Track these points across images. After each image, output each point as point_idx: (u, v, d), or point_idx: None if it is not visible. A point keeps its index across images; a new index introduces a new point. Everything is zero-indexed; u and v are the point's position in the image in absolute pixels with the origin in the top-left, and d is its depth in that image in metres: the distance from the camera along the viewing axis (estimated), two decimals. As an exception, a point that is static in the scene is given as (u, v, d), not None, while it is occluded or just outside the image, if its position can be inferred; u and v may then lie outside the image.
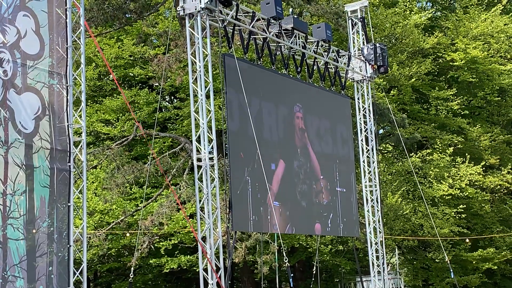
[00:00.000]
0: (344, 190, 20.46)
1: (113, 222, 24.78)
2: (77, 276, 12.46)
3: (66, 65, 12.64)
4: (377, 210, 21.68)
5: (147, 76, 28.35)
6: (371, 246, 21.48)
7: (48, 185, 11.99)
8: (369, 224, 21.58)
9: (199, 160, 15.83)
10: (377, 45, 21.93)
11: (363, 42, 22.15)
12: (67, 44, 12.69)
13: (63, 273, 11.98)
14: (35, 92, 12.07)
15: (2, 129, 11.37)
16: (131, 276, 18.16)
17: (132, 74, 29.00)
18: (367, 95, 22.14)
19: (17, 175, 11.48)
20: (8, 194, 11.26)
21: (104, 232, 24.14)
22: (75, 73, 13.20)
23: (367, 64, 21.85)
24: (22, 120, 11.75)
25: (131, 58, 28.14)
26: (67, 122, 12.52)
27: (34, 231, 11.61)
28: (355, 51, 22.16)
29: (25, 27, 12.06)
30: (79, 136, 13.26)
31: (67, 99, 12.59)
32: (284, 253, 17.06)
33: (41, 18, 12.36)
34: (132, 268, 18.65)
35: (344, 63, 21.26)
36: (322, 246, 27.66)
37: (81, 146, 13.04)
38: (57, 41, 12.59)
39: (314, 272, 21.60)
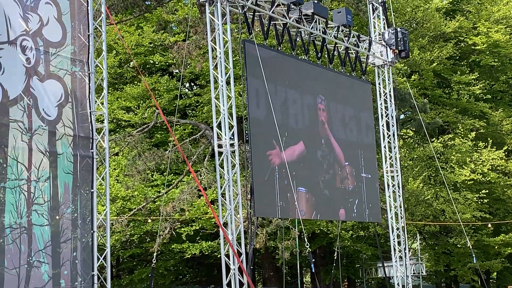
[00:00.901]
0: (370, 176, 20.45)
1: (135, 208, 24.96)
2: (101, 262, 12.61)
3: (88, 52, 12.73)
4: (399, 195, 21.61)
5: (167, 63, 28.41)
6: (392, 231, 21.44)
7: (72, 171, 12.11)
8: (390, 209, 21.53)
9: (220, 146, 15.88)
10: (398, 29, 21.78)
11: (384, 27, 21.99)
12: (88, 32, 12.77)
13: (87, 259, 12.12)
14: (57, 80, 12.18)
15: (26, 116, 11.50)
16: (154, 262, 18.34)
17: (152, 61, 29.06)
18: (388, 80, 22.02)
19: (41, 162, 11.61)
20: (32, 181, 11.40)
21: (126, 218, 24.33)
22: (97, 60, 13.28)
23: (388, 49, 21.71)
24: (45, 107, 11.86)
25: (151, 45, 28.19)
26: (90, 109, 12.61)
27: (58, 217, 11.75)
28: (375, 36, 22.02)
29: (47, 15, 12.15)
30: (101, 123, 13.37)
31: (89, 86, 12.68)
32: (305, 238, 17.10)
33: (63, 5, 12.44)
34: (155, 254, 18.83)
35: (365, 48, 21.14)
36: (343, 231, 27.65)
37: (103, 133, 13.15)
38: (79, 29, 12.67)
39: (335, 258, 21.61)
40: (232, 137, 15.96)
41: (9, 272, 10.81)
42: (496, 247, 30.18)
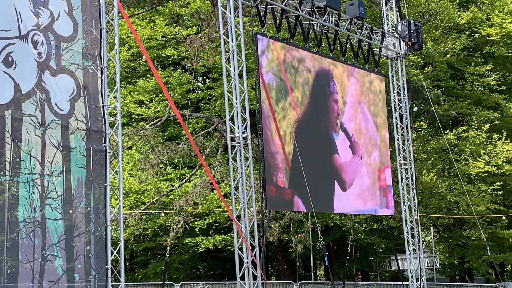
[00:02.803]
0: (383, 168, 20.40)
1: (148, 202, 25.02)
2: (115, 255, 12.64)
3: (100, 46, 12.72)
4: (412, 188, 21.52)
5: (179, 57, 28.40)
6: (406, 224, 21.36)
7: (85, 165, 12.13)
8: (404, 202, 21.44)
9: (232, 140, 15.87)
10: (411, 21, 21.64)
11: (397, 19, 21.86)
12: (100, 26, 12.77)
13: (101, 253, 12.15)
14: (69, 74, 12.19)
15: (39, 110, 11.52)
16: (167, 255, 18.40)
17: (164, 55, 29.06)
18: (401, 73, 21.91)
19: (54, 156, 11.63)
20: (45, 175, 11.43)
21: (139, 212, 24.40)
22: (109, 54, 13.27)
23: (401, 41, 21.59)
24: (58, 101, 11.88)
25: (164, 39, 28.19)
26: (102, 103, 12.61)
27: (71, 211, 11.78)
28: (388, 28, 21.90)
29: (58, 10, 12.15)
30: (114, 117, 13.37)
31: (101, 80, 12.68)
32: (318, 232, 17.07)
33: (74, 0, 12.44)
34: (168, 248, 18.88)
35: (378, 40, 21.03)
36: (356, 224, 27.59)
37: (116, 127, 13.16)
38: (91, 23, 12.67)
39: (348, 251, 21.56)
40: (245, 131, 15.93)
41: (24, 266, 10.87)
42: (510, 240, 30.00)
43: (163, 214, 26.11)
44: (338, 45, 19.74)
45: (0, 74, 11.06)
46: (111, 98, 13.26)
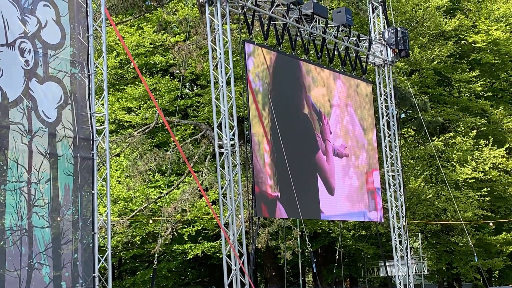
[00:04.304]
0: (371, 171, 20.48)
1: (137, 209, 24.96)
2: (102, 263, 12.60)
3: (87, 53, 12.71)
4: (400, 194, 21.61)
5: (168, 64, 28.41)
6: (394, 230, 21.43)
7: (72, 173, 12.10)
8: (391, 208, 21.52)
9: (220, 146, 15.89)
10: (398, 28, 21.78)
11: (384, 26, 21.99)
12: (88, 33, 12.76)
13: (88, 260, 12.11)
14: (56, 81, 12.17)
15: (26, 118, 11.49)
16: (155, 263, 18.34)
17: (153, 62, 29.06)
18: (389, 80, 22.03)
19: (41, 164, 11.60)
20: (32, 183, 11.40)
21: (127, 219, 24.33)
22: (97, 62, 13.27)
23: (388, 48, 21.72)
24: (45, 109, 11.85)
25: (152, 46, 28.19)
26: (90, 110, 12.60)
27: (58, 219, 11.74)
28: (375, 35, 22.02)
29: (46, 17, 12.14)
30: (101, 124, 13.36)
31: (89, 87, 12.67)
32: (306, 238, 17.10)
33: (61, 7, 12.44)
34: (156, 255, 18.83)
35: (365, 48, 21.14)
36: (344, 231, 27.63)
37: (104, 134, 13.14)
38: (78, 30, 12.67)
39: (337, 257, 21.60)
40: (233, 138, 15.96)
41: (10, 275, 10.81)
42: (498, 246, 30.14)
43: (151, 221, 26.04)
44: (326, 52, 19.82)
45: (-13, 82, 11.04)
46: (98, 106, 13.25)
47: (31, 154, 11.49)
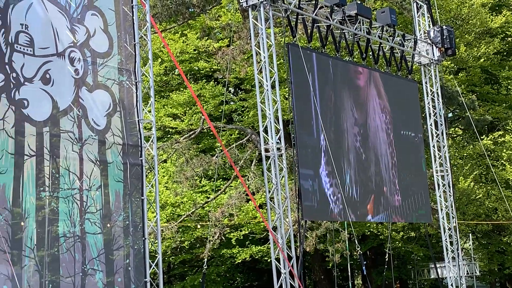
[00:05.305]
0: (417, 176, 20.26)
1: (184, 214, 25.13)
2: (153, 268, 12.72)
3: (134, 61, 12.88)
4: (449, 195, 21.29)
5: (211, 69, 28.57)
6: (444, 231, 21.12)
7: (122, 179, 12.26)
8: (441, 209, 21.22)
9: (266, 150, 15.88)
10: (444, 27, 21.50)
11: (429, 25, 21.73)
12: (134, 41, 12.93)
13: (139, 266, 12.24)
14: (105, 89, 12.36)
15: (76, 126, 11.70)
16: (205, 267, 18.43)
17: (197, 68, 29.26)
18: (435, 79, 21.75)
19: (92, 171, 11.79)
20: (84, 190, 11.58)
21: (176, 225, 24.52)
22: (143, 69, 13.43)
23: (434, 47, 21.45)
24: (95, 117, 12.05)
25: (196, 52, 28.39)
26: (138, 117, 12.75)
27: (110, 225, 11.91)
28: (421, 34, 21.77)
29: (94, 26, 12.35)
30: (149, 131, 13.51)
31: (136, 95, 12.83)
32: (356, 240, 16.98)
33: (108, 16, 12.63)
34: (205, 260, 18.92)
35: (410, 47, 20.92)
36: (393, 232, 27.34)
37: (152, 141, 13.28)
38: (125, 38, 12.84)
39: (386, 259, 21.38)
40: (279, 141, 15.94)
41: (65, 281, 11.01)
42: (551, 245, 29.47)
43: (199, 226, 26.19)
44: (370, 53, 19.68)
45: (39, 92, 11.28)
46: (145, 112, 13.40)
47: (82, 162, 11.68)
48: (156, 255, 12.87)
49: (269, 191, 15.75)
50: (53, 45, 11.57)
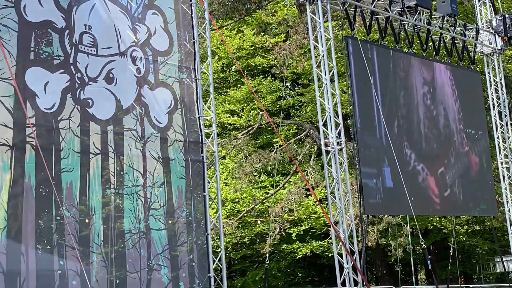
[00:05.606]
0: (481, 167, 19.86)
1: (244, 210, 25.22)
2: (216, 264, 12.81)
3: (194, 59, 12.98)
4: (515, 187, 20.76)
5: (268, 65, 28.57)
6: (510, 225, 20.61)
7: (184, 176, 12.39)
8: (507, 202, 20.71)
9: (326, 145, 15.78)
10: (506, 15, 20.94)
11: (491, 14, 21.21)
12: (194, 39, 13.03)
13: (203, 261, 12.35)
14: (166, 87, 12.51)
15: (139, 124, 11.87)
16: (267, 262, 18.47)
17: (254, 64, 29.31)
18: (498, 69, 21.22)
19: (155, 168, 11.95)
20: (148, 186, 11.75)
21: (236, 221, 24.64)
22: (202, 66, 13.52)
23: (497, 36, 20.93)
24: (156, 114, 12.21)
25: (252, 48, 28.44)
26: (198, 114, 12.86)
27: (173, 221, 12.05)
28: (482, 23, 21.27)
29: (154, 25, 12.51)
30: (209, 128, 13.60)
31: (196, 92, 12.94)
32: (419, 234, 16.72)
33: (168, 15, 12.77)
34: (267, 255, 18.96)
35: (472, 37, 20.47)
36: (457, 226, 26.83)
37: (212, 137, 13.37)
38: (184, 36, 12.96)
39: (451, 254, 20.99)
40: (339, 135, 15.82)
41: (131, 276, 11.20)
42: None
43: (259, 222, 26.25)
44: (431, 44, 19.33)
45: (103, 91, 11.49)
46: (205, 109, 13.49)
47: (145, 159, 11.86)
48: (218, 251, 12.96)
49: (330, 186, 15.65)
50: (115, 45, 11.76)
